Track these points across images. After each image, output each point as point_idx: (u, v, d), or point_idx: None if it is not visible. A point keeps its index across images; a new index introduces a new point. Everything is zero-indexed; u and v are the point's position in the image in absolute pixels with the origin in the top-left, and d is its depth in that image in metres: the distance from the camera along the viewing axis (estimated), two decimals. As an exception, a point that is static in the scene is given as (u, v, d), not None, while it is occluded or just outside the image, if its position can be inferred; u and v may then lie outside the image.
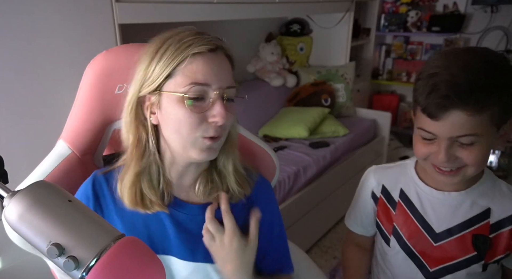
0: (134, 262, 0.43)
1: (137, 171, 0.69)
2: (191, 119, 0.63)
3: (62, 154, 0.83)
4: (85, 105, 0.86)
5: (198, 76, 0.62)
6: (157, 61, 0.64)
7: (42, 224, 0.42)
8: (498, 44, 2.99)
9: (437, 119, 0.71)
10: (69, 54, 1.29)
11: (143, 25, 1.55)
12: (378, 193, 0.94)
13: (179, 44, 0.63)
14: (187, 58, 0.62)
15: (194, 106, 0.63)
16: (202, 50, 0.63)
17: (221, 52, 0.66)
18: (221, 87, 0.64)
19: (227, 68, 0.67)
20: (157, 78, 0.64)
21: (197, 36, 0.64)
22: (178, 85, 0.63)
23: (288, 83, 2.85)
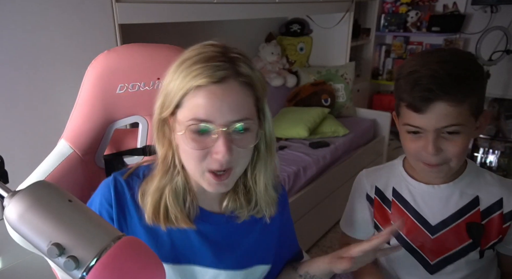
0: (134, 262, 0.43)
1: (160, 186, 0.68)
2: (194, 154, 0.62)
3: (64, 153, 0.83)
4: (86, 105, 0.86)
5: (199, 112, 0.60)
6: (172, 85, 0.63)
7: (42, 224, 0.42)
8: (498, 44, 2.99)
9: (422, 112, 0.74)
10: (69, 54, 1.29)
11: (143, 25, 1.55)
12: (373, 195, 0.96)
13: (188, 72, 0.60)
14: (190, 91, 0.60)
15: (197, 141, 0.61)
16: (203, 83, 0.59)
17: (232, 81, 0.61)
18: (226, 124, 0.60)
19: (236, 100, 0.61)
20: (170, 104, 0.63)
21: (207, 64, 0.60)
22: (184, 117, 0.62)
23: (288, 83, 2.85)
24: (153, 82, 0.91)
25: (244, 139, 0.63)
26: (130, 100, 0.91)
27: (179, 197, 0.69)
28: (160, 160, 0.69)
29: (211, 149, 0.62)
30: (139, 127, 0.97)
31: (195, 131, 0.61)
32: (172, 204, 0.68)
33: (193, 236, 0.71)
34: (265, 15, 2.26)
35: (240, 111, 0.61)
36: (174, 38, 2.24)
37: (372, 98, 3.60)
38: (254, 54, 2.89)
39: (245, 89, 0.62)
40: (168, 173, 0.68)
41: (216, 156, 0.61)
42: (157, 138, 0.68)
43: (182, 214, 0.69)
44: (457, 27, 3.08)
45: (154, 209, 0.68)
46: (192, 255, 0.72)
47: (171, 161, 0.68)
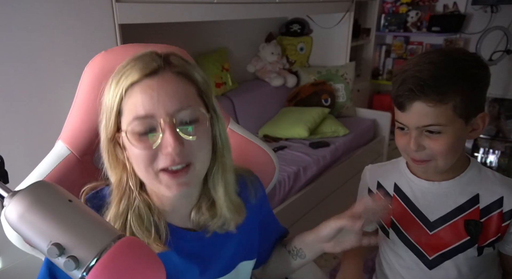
0: (134, 262, 0.43)
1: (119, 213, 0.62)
2: (143, 155, 0.58)
3: (61, 154, 0.83)
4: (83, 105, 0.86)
5: (138, 109, 0.56)
6: (107, 97, 0.60)
7: (42, 224, 0.42)
8: (498, 44, 2.99)
9: (404, 111, 0.78)
10: (69, 54, 1.29)
11: (143, 25, 1.55)
12: (374, 189, 0.99)
13: (119, 75, 0.58)
14: (127, 92, 0.57)
15: (142, 141, 0.57)
16: (136, 78, 0.57)
17: (166, 72, 0.58)
18: (168, 114, 0.57)
19: (173, 88, 0.58)
20: (111, 117, 0.59)
21: (136, 61, 0.58)
22: (126, 122, 0.58)
23: (288, 83, 2.85)
24: (152, 82, 0.91)
25: (194, 129, 0.59)
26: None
27: (144, 220, 0.63)
28: (114, 185, 0.64)
29: (160, 147, 0.57)
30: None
31: (140, 132, 0.57)
32: (139, 230, 0.62)
33: (174, 257, 0.67)
34: (265, 15, 2.26)
35: (181, 100, 0.58)
36: (174, 38, 2.24)
37: (372, 98, 3.60)
38: (254, 54, 2.89)
39: (182, 79, 0.60)
40: (124, 197, 0.63)
41: (165, 150, 0.57)
42: (108, 164, 0.63)
43: (151, 239, 0.63)
44: (457, 27, 3.08)
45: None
46: (176, 275, 0.68)
47: (126, 184, 0.63)
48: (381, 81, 3.53)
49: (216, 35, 2.55)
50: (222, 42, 2.60)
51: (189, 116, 0.59)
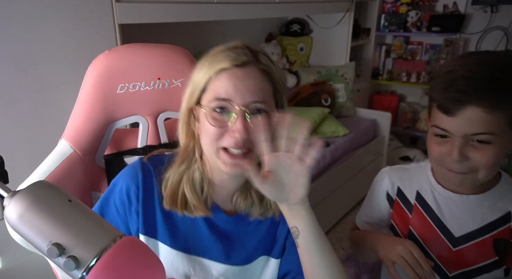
0: (134, 262, 0.43)
1: (179, 172, 0.72)
2: (212, 131, 0.65)
3: (64, 153, 0.83)
4: (87, 104, 0.86)
5: (220, 92, 0.64)
6: (197, 75, 0.68)
7: (42, 224, 0.42)
8: (498, 44, 2.99)
9: (452, 115, 0.69)
10: (69, 54, 1.29)
11: (143, 25, 1.55)
12: (394, 195, 0.91)
13: (212, 59, 0.66)
14: (215, 75, 0.65)
15: (216, 119, 0.65)
16: (227, 66, 0.64)
17: (252, 67, 0.66)
18: (244, 104, 0.64)
19: (255, 83, 0.65)
20: (195, 92, 0.68)
21: (230, 51, 0.66)
22: (207, 100, 0.66)
23: (288, 83, 2.85)
24: (153, 82, 0.91)
25: (262, 120, 0.65)
26: (131, 100, 0.91)
27: (196, 185, 0.72)
28: (182, 148, 0.73)
29: (229, 128, 0.65)
30: (140, 127, 0.97)
31: (216, 109, 0.65)
32: (190, 191, 0.71)
33: (204, 228, 0.74)
34: (265, 15, 2.26)
35: (259, 94, 0.65)
36: (174, 38, 2.24)
37: (372, 98, 3.60)
38: (254, 54, 2.89)
39: (264, 77, 0.66)
40: (186, 160, 0.72)
41: (232, 134, 0.64)
42: (181, 129, 0.72)
43: (199, 202, 0.71)
44: (457, 27, 3.08)
45: (172, 194, 0.71)
46: (202, 248, 0.74)
47: (191, 150, 0.72)
48: (381, 81, 3.53)
49: (216, 35, 2.55)
50: (222, 42, 2.58)
51: (261, 108, 0.66)
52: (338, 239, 2.35)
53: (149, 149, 0.97)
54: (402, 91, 3.63)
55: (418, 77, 3.33)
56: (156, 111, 0.97)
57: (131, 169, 0.74)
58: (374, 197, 0.96)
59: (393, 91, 3.68)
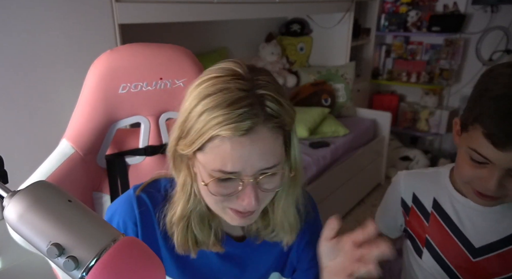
0: (134, 262, 0.43)
1: (184, 214, 0.65)
2: (217, 197, 0.59)
3: (65, 153, 0.83)
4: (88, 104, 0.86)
5: (226, 164, 0.55)
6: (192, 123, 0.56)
7: (42, 224, 0.42)
8: (498, 44, 2.99)
9: (502, 150, 0.63)
10: (69, 54, 1.29)
11: (143, 25, 1.55)
12: (409, 202, 0.87)
13: (210, 116, 0.53)
14: (213, 139, 0.54)
15: (222, 187, 0.58)
16: (229, 135, 0.53)
17: (262, 127, 0.54)
18: (254, 173, 0.56)
19: (266, 148, 0.55)
20: (189, 144, 0.57)
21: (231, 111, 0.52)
22: (207, 163, 0.57)
23: (288, 83, 2.85)
24: (155, 82, 0.91)
25: (271, 183, 0.59)
26: (132, 100, 0.91)
27: (205, 224, 0.66)
28: (179, 187, 0.65)
29: (236, 193, 0.58)
30: (141, 127, 0.97)
31: (220, 180, 0.57)
32: (199, 230, 0.66)
33: (214, 258, 0.71)
34: (265, 15, 2.26)
35: (270, 159, 0.56)
36: (174, 38, 2.24)
37: (372, 98, 3.60)
38: (254, 54, 2.89)
39: (275, 133, 0.56)
40: (189, 200, 0.64)
41: (242, 202, 0.58)
42: (173, 166, 0.64)
43: (210, 239, 0.67)
44: (457, 27, 3.08)
45: (183, 237, 0.66)
46: (211, 275, 0.72)
47: (191, 189, 0.64)
48: (381, 81, 3.53)
49: (216, 35, 2.54)
50: (222, 42, 2.60)
51: (272, 171, 0.58)
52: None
53: (151, 149, 0.97)
54: (402, 91, 3.63)
55: (418, 77, 3.33)
56: (158, 112, 0.97)
57: (126, 203, 0.68)
58: (388, 202, 0.92)
59: (393, 91, 3.68)
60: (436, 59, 3.29)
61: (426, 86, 3.31)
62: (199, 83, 0.57)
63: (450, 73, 3.18)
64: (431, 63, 3.33)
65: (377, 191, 2.95)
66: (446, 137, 3.41)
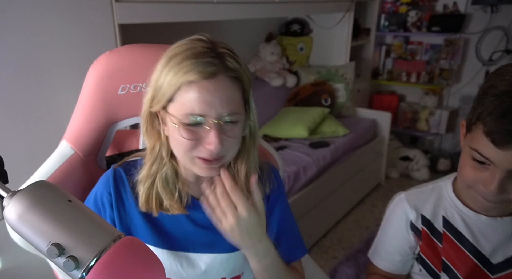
0: (134, 262, 0.43)
1: (150, 174, 0.72)
2: (186, 143, 0.65)
3: (65, 154, 0.83)
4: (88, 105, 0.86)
5: (193, 107, 0.63)
6: (162, 80, 0.65)
7: (42, 224, 0.42)
8: (498, 44, 2.99)
9: (502, 148, 0.62)
10: (69, 54, 1.29)
11: (143, 25, 1.55)
12: (419, 225, 0.82)
13: (178, 68, 0.63)
14: (183, 87, 0.63)
15: (191, 132, 0.64)
16: (196, 79, 0.62)
17: (222, 76, 0.64)
18: (217, 117, 0.64)
19: (227, 94, 0.64)
20: (161, 99, 0.65)
21: (197, 60, 0.62)
22: (177, 110, 0.65)
23: (288, 83, 2.85)
24: (154, 83, 0.91)
25: (234, 130, 0.67)
26: (132, 101, 0.91)
27: (169, 184, 0.73)
28: (148, 150, 0.72)
29: (203, 139, 0.65)
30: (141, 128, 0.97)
31: (189, 124, 0.64)
32: (163, 191, 0.72)
33: (186, 223, 0.75)
34: (265, 15, 2.26)
35: (231, 105, 0.64)
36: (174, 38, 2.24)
37: (372, 98, 3.60)
38: (254, 54, 2.89)
39: (234, 84, 0.65)
40: (155, 162, 0.72)
41: (208, 146, 0.64)
42: (145, 131, 0.71)
43: (173, 200, 0.72)
44: (457, 27, 3.08)
45: (146, 196, 0.72)
46: (186, 242, 0.75)
47: (159, 152, 0.71)
48: (381, 81, 3.53)
49: (216, 35, 2.54)
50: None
51: (233, 119, 0.66)
52: (338, 239, 2.35)
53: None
54: (402, 91, 3.64)
55: (418, 77, 3.33)
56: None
57: (104, 177, 0.75)
58: (395, 229, 0.86)
59: (393, 91, 3.68)
60: (436, 59, 3.29)
61: (426, 86, 3.31)
62: (168, 51, 0.67)
63: (450, 73, 3.18)
64: (431, 63, 3.33)
65: (377, 191, 2.95)
66: (446, 137, 3.41)
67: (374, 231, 2.38)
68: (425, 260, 0.82)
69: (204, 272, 0.75)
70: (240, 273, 0.79)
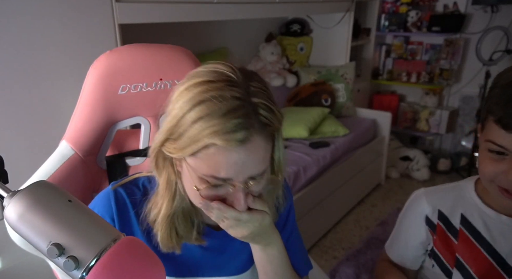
0: (134, 262, 0.43)
1: (169, 214, 0.65)
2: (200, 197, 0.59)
3: (65, 154, 0.83)
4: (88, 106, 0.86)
5: (219, 170, 0.55)
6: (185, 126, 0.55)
7: (42, 224, 0.42)
8: (498, 44, 2.98)
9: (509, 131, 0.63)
10: (69, 54, 1.29)
11: (143, 25, 1.55)
12: (435, 220, 0.82)
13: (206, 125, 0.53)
14: (210, 146, 0.54)
15: (212, 190, 0.58)
16: (223, 145, 0.53)
17: (255, 137, 0.55)
18: (245, 180, 0.57)
19: (259, 156, 0.56)
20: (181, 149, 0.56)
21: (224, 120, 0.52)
22: (199, 167, 0.56)
23: (288, 83, 2.85)
24: (155, 83, 0.91)
25: (259, 185, 0.60)
26: (132, 101, 0.90)
27: (188, 218, 0.67)
28: (162, 185, 0.65)
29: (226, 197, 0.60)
30: (141, 128, 0.96)
31: (212, 185, 0.58)
32: (183, 227, 0.66)
33: (195, 249, 0.71)
34: (265, 15, 2.26)
35: (261, 166, 0.58)
36: (174, 38, 2.24)
37: (372, 98, 3.60)
38: (254, 54, 2.89)
39: (267, 140, 0.57)
40: (175, 198, 0.65)
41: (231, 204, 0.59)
42: (155, 165, 0.64)
43: (192, 234, 0.67)
44: (457, 27, 3.08)
45: (167, 236, 0.66)
46: (195, 268, 0.72)
47: (175, 186, 0.64)
48: (381, 81, 3.53)
49: (216, 35, 2.55)
50: (222, 42, 2.60)
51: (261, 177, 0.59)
52: (338, 239, 2.35)
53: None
54: (402, 91, 3.64)
55: (418, 77, 3.33)
56: (158, 112, 0.96)
57: (104, 198, 0.68)
58: (409, 224, 0.87)
59: (393, 91, 3.68)
60: (436, 59, 3.29)
61: (426, 86, 3.31)
62: (190, 87, 0.56)
63: (450, 73, 3.18)
64: (431, 63, 3.33)
65: (377, 191, 2.95)
66: (446, 137, 3.41)
67: (374, 231, 2.38)
68: (438, 255, 0.83)
69: None
70: None
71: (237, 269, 0.75)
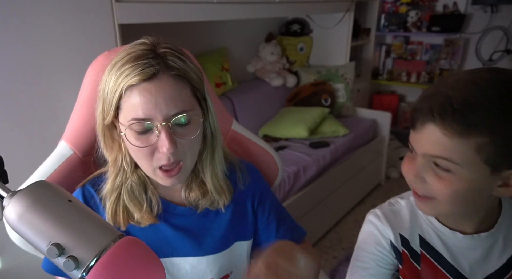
0: (134, 262, 0.43)
1: (114, 187, 0.70)
2: (142, 152, 0.64)
3: (64, 154, 0.83)
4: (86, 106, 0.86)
5: (137, 111, 0.61)
6: (106, 89, 0.63)
7: (42, 224, 0.42)
8: (498, 44, 2.99)
9: (414, 130, 0.64)
10: (69, 54, 1.29)
11: (143, 25, 1.55)
12: (400, 247, 0.76)
13: (119, 74, 0.61)
14: (125, 92, 0.61)
15: (141, 140, 0.63)
16: (135, 82, 0.60)
17: (163, 75, 0.61)
18: (165, 118, 0.61)
19: (171, 94, 0.61)
20: (109, 109, 0.64)
21: (136, 63, 0.60)
22: (124, 118, 0.63)
23: (288, 83, 2.85)
24: (153, 83, 0.91)
25: (187, 130, 0.65)
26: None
27: (136, 194, 0.71)
28: (110, 163, 0.71)
29: (156, 145, 0.63)
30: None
31: (137, 131, 0.63)
32: (130, 203, 0.70)
33: (165, 229, 0.73)
34: (265, 15, 2.26)
35: (177, 104, 0.62)
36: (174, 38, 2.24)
37: (372, 98, 3.61)
38: (254, 54, 2.89)
39: (179, 82, 0.63)
40: (119, 175, 0.70)
41: (161, 150, 0.62)
42: (104, 144, 0.70)
43: (142, 211, 0.70)
44: (457, 27, 3.08)
45: (112, 210, 0.70)
46: (169, 248, 0.73)
47: (121, 164, 0.70)
48: (381, 81, 3.53)
49: (216, 35, 2.55)
50: (222, 42, 2.60)
51: (183, 119, 0.64)
52: (338, 239, 2.35)
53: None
54: (402, 91, 3.64)
55: (418, 77, 3.33)
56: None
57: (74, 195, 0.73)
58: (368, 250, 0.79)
59: (393, 91, 3.68)
60: (436, 59, 3.30)
61: (426, 86, 3.31)
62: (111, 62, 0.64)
63: (450, 73, 3.18)
64: (431, 63, 3.33)
65: (377, 191, 2.95)
66: (446, 137, 3.41)
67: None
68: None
69: (190, 273, 0.74)
70: (228, 272, 0.78)
71: (214, 248, 0.75)
